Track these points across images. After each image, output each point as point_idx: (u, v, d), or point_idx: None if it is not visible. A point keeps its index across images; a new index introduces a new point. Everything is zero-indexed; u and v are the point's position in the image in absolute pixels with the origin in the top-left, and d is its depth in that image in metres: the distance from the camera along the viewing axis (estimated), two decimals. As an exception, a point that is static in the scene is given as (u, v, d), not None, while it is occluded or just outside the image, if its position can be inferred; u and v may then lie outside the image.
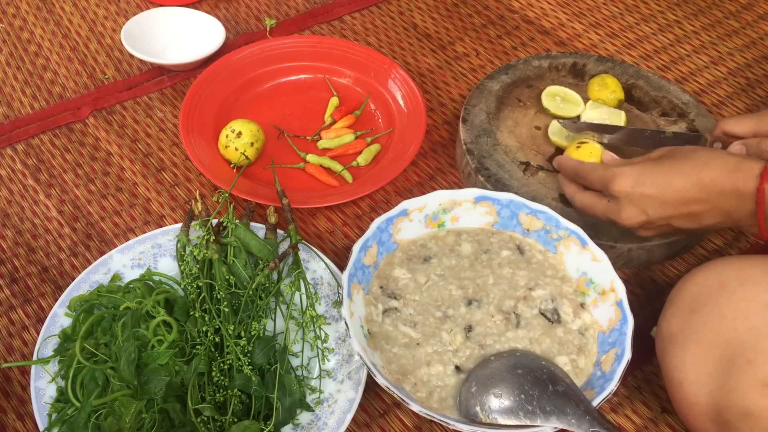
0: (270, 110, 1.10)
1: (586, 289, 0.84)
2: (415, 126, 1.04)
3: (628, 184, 0.79)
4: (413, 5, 1.31)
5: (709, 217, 0.76)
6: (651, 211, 0.78)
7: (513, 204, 0.88)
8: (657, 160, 0.80)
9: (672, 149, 0.82)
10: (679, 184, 0.76)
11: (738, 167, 0.74)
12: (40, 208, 0.99)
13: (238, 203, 0.99)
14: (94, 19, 1.25)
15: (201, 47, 1.15)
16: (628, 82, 1.08)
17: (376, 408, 0.82)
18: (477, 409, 0.72)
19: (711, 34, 1.27)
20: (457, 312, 0.82)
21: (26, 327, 0.87)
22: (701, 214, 0.76)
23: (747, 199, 0.73)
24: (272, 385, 0.76)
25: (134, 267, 0.87)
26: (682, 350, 0.71)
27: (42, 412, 0.75)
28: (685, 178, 0.76)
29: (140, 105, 1.12)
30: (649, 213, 0.78)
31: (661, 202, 0.77)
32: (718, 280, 0.72)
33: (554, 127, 1.01)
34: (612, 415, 0.82)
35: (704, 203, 0.75)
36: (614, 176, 0.80)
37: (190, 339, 0.78)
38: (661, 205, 0.77)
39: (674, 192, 0.76)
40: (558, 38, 1.25)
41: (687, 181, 0.76)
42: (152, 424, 0.72)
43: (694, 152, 0.79)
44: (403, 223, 0.87)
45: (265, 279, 0.82)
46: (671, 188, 0.76)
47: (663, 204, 0.77)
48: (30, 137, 1.07)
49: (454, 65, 1.20)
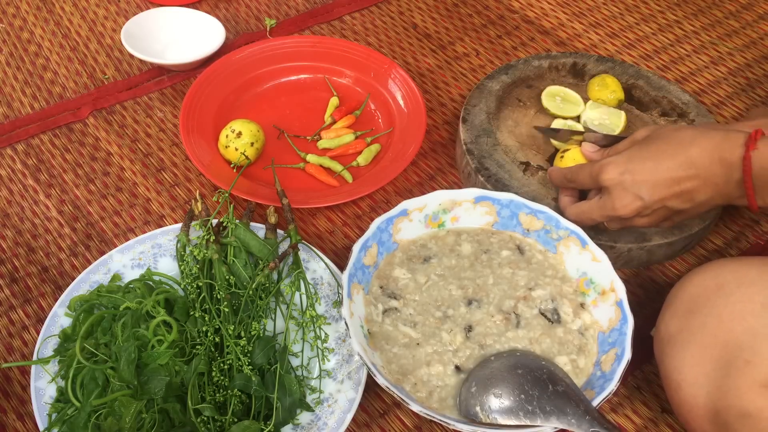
0: (270, 110, 1.10)
1: (586, 289, 0.84)
2: (415, 126, 1.04)
3: (617, 172, 0.79)
4: (413, 5, 1.31)
5: (701, 193, 0.77)
6: (645, 194, 0.78)
7: (513, 204, 0.88)
8: (642, 143, 0.81)
9: (655, 129, 0.82)
10: (668, 163, 0.77)
11: (724, 138, 0.75)
12: (40, 208, 0.99)
13: (238, 203, 0.99)
14: (94, 19, 1.25)
15: (201, 47, 1.15)
16: (628, 82, 1.08)
17: (376, 408, 0.82)
18: (477, 409, 0.72)
19: (711, 34, 1.27)
20: (457, 312, 0.82)
21: (26, 327, 0.87)
22: (693, 190, 0.77)
23: (734, 168, 0.74)
24: (272, 385, 0.76)
25: (134, 267, 0.87)
26: (680, 352, 0.71)
27: (42, 412, 0.75)
28: (673, 157, 0.77)
29: (140, 105, 1.12)
30: (643, 197, 0.78)
31: (653, 184, 0.77)
32: (715, 282, 0.72)
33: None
34: (612, 415, 0.82)
35: (695, 179, 0.76)
36: (602, 168, 0.80)
37: (190, 339, 0.78)
38: (653, 187, 0.77)
39: (665, 172, 0.77)
40: (558, 38, 1.25)
41: (675, 160, 0.76)
42: (152, 424, 0.72)
43: (678, 131, 0.79)
44: (403, 223, 0.87)
45: (265, 279, 0.82)
46: (661, 169, 0.77)
47: (655, 185, 0.77)
48: (30, 137, 1.07)
49: (454, 65, 1.20)
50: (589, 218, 0.84)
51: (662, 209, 0.80)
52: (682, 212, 0.80)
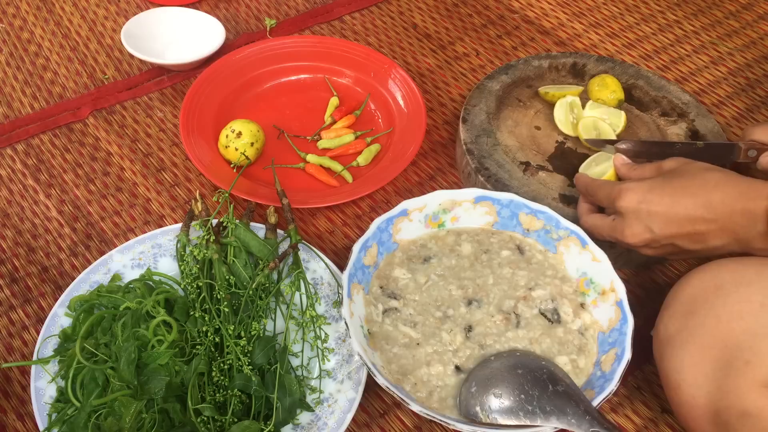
0: (270, 110, 1.10)
1: (586, 289, 0.84)
2: (415, 126, 1.04)
3: (635, 200, 0.78)
4: (413, 5, 1.31)
5: (715, 238, 0.75)
6: (656, 228, 0.76)
7: (513, 204, 0.88)
8: (667, 176, 0.79)
9: (684, 163, 0.80)
10: (687, 202, 0.75)
11: (749, 187, 0.73)
12: (40, 208, 0.99)
13: (238, 203, 0.99)
14: (94, 19, 1.25)
15: (201, 47, 1.15)
16: (628, 82, 1.08)
17: (376, 408, 0.82)
18: (477, 409, 0.72)
19: (711, 34, 1.27)
20: (457, 312, 0.82)
21: (26, 327, 0.87)
22: (707, 234, 0.75)
23: (758, 219, 0.72)
24: (272, 385, 0.76)
25: (134, 267, 0.87)
26: (679, 352, 0.71)
27: (42, 412, 0.75)
28: (693, 197, 0.75)
29: (140, 105, 1.12)
30: (654, 230, 0.77)
31: (667, 220, 0.76)
32: (714, 282, 0.72)
33: (559, 113, 1.00)
34: (612, 415, 0.82)
35: (711, 223, 0.74)
36: (621, 192, 0.79)
37: (190, 339, 0.78)
38: (666, 223, 0.76)
39: (681, 209, 0.75)
40: (558, 38, 1.25)
41: (695, 201, 0.75)
42: (152, 424, 0.72)
43: (706, 171, 0.77)
44: (403, 223, 0.87)
45: (265, 279, 0.82)
46: (679, 206, 0.75)
47: (668, 221, 0.76)
48: (30, 137, 1.07)
49: (454, 65, 1.20)
50: (599, 234, 0.83)
51: (670, 246, 0.78)
52: (691, 252, 0.78)
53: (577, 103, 1.01)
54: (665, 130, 1.03)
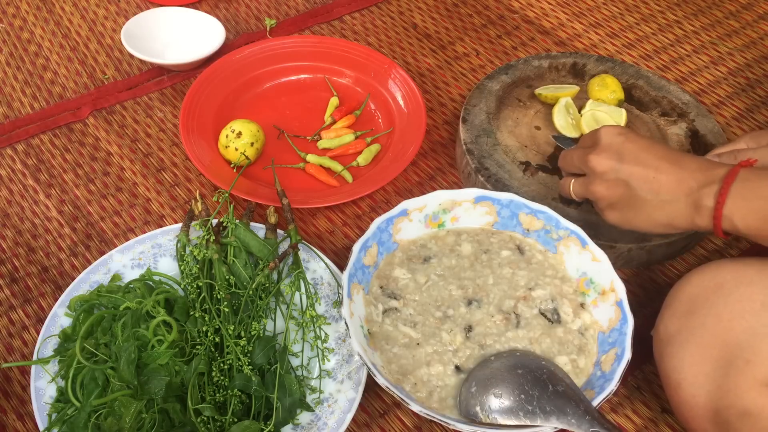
0: (270, 110, 1.10)
1: (586, 289, 0.84)
2: (415, 126, 1.04)
3: (615, 132, 0.79)
4: (413, 5, 1.31)
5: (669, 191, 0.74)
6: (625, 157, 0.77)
7: (513, 204, 0.88)
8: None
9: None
10: (661, 148, 0.77)
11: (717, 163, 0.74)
12: (40, 208, 0.99)
13: (238, 203, 0.99)
14: (94, 19, 1.25)
15: (201, 47, 1.15)
16: (628, 82, 1.08)
17: (376, 408, 0.82)
18: (477, 409, 0.72)
19: (711, 34, 1.27)
20: (457, 312, 0.82)
21: (26, 327, 0.87)
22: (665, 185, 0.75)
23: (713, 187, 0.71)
24: (272, 385, 0.76)
25: (134, 267, 0.87)
26: (680, 352, 0.71)
27: (42, 412, 0.75)
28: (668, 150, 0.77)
29: (140, 105, 1.12)
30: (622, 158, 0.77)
31: (638, 153, 0.76)
32: (714, 282, 0.72)
33: (559, 120, 1.00)
34: (612, 415, 0.82)
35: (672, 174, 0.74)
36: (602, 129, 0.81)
37: (190, 339, 0.78)
38: (636, 156, 0.76)
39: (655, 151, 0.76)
40: (558, 38, 1.25)
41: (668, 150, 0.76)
42: (152, 424, 0.72)
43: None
44: (403, 223, 0.87)
45: (265, 279, 0.82)
46: (654, 148, 0.77)
47: (638, 156, 0.76)
48: (30, 137, 1.07)
49: (454, 65, 1.20)
50: (570, 163, 0.83)
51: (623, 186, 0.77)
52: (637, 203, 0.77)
53: (571, 104, 1.02)
54: (665, 130, 1.03)
